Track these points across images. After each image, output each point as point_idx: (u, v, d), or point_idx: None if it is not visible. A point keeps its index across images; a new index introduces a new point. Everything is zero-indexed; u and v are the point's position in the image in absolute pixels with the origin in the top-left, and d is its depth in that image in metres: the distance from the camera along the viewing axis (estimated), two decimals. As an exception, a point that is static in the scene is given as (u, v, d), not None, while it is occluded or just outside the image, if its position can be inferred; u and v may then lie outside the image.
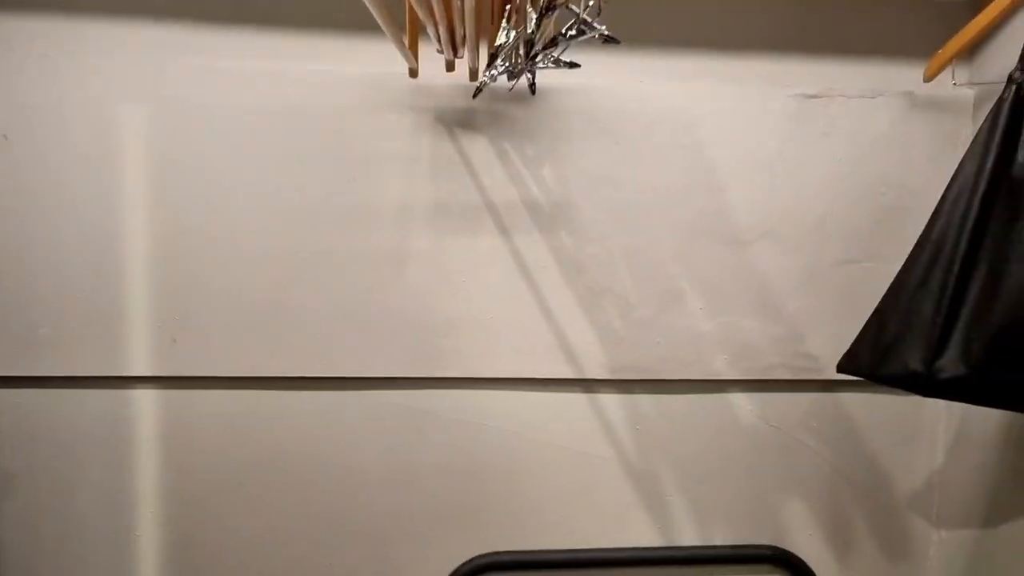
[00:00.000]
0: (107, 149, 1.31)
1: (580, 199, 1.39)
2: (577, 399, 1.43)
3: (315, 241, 1.36)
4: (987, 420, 1.35)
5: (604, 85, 1.38)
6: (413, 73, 1.25)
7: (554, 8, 0.89)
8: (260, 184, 1.34)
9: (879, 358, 1.10)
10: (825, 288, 1.43)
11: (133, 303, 1.34)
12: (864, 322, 1.18)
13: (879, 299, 1.18)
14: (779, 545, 1.45)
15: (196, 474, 1.38)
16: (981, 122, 1.33)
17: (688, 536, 1.45)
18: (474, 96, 1.23)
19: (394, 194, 1.37)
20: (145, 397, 1.37)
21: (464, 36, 1.13)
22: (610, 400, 1.44)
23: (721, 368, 1.43)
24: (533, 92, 1.32)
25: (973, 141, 1.07)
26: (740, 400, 1.45)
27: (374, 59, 1.33)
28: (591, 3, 0.88)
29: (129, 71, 1.31)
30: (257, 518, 1.39)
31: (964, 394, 1.01)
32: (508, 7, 0.95)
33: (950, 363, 1.00)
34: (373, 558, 1.41)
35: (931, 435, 1.48)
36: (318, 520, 1.40)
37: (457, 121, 1.37)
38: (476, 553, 1.42)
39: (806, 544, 1.46)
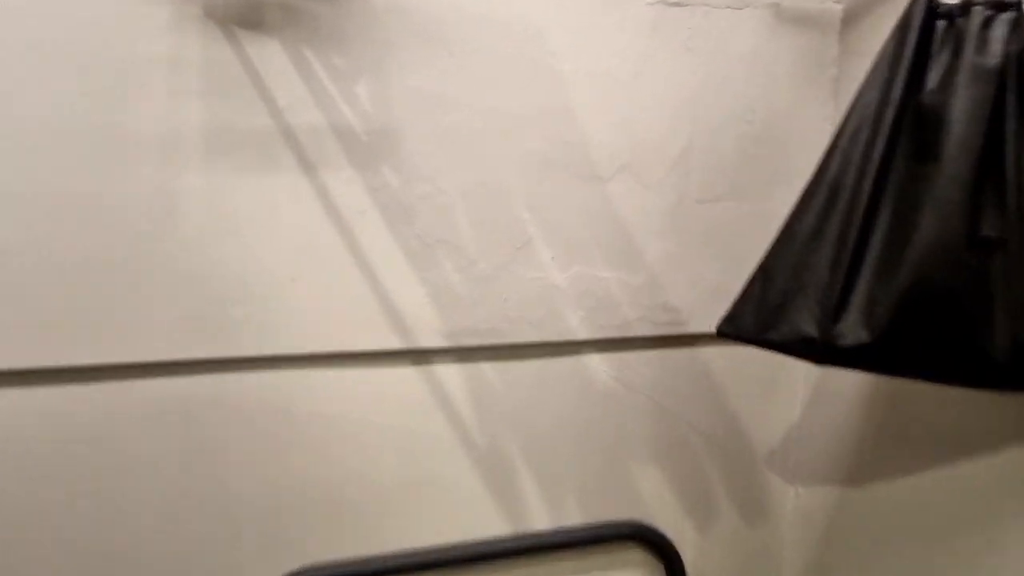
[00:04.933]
0: None
1: (406, 125, 1.12)
2: (407, 374, 1.19)
3: (44, 180, 0.97)
4: (847, 374, 1.24)
5: (433, -22, 1.09)
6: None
7: None
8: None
9: (766, 320, 0.95)
10: (687, 230, 1.27)
11: None
12: (743, 275, 1.03)
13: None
14: (637, 518, 1.32)
15: None
16: (849, 41, 1.19)
17: (541, 520, 1.27)
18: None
19: (153, 114, 1.01)
20: None
21: None
22: (447, 372, 1.20)
23: (575, 327, 1.24)
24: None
25: (874, 65, 0.92)
26: (595, 362, 1.28)
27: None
28: None
29: None
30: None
31: (867, 362, 0.89)
32: None
33: (850, 328, 0.86)
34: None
35: (789, 388, 1.40)
36: (79, 552, 1.05)
37: (238, 18, 1.03)
38: (292, 569, 1.15)
39: (664, 514, 1.34)
